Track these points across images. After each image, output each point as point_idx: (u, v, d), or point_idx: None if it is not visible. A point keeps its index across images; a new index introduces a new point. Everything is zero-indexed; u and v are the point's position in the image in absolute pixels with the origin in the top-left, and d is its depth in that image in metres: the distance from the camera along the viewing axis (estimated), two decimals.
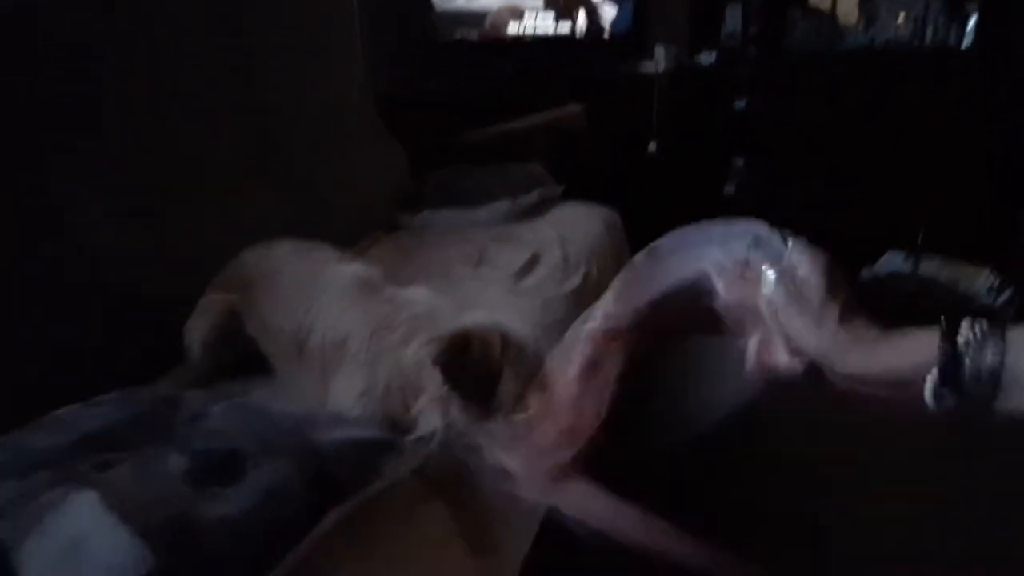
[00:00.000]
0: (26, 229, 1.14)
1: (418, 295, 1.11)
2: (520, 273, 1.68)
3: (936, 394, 0.63)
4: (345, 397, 1.01)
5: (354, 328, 1.05)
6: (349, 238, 1.76)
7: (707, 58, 3.21)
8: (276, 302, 1.15)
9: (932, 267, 2.73)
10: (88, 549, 0.68)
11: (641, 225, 2.43)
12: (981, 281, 2.63)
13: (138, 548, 0.67)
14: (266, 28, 1.84)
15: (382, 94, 2.46)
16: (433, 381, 0.93)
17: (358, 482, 0.83)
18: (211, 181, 1.52)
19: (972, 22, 2.81)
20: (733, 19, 3.20)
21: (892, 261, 2.81)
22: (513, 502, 0.87)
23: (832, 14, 3.03)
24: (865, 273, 2.80)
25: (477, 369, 0.89)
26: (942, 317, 0.63)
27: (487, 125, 2.47)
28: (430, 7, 2.99)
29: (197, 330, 1.19)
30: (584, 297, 1.70)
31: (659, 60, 3.02)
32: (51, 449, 0.81)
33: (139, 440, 0.82)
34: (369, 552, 0.78)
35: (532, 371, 0.87)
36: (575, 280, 1.71)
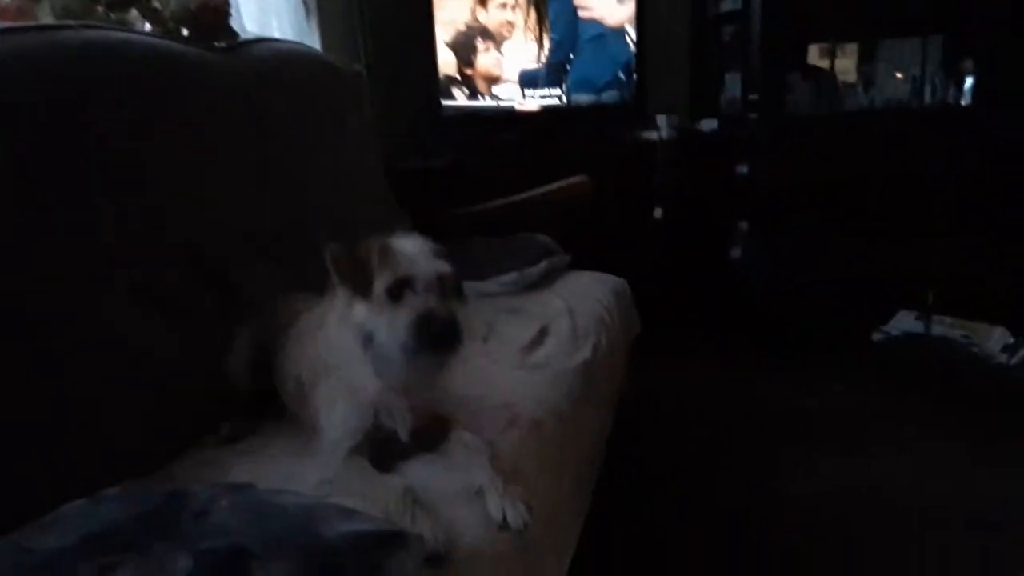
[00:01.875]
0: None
1: None
2: (529, 347, 1.67)
3: None
4: (334, 428, 1.13)
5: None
6: None
7: (708, 124, 3.25)
8: (292, 351, 1.30)
9: (944, 326, 2.71)
10: None
11: (649, 292, 2.45)
12: (996, 339, 2.61)
13: None
14: (285, 110, 1.86)
15: (390, 167, 2.49)
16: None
17: None
18: (231, 266, 1.52)
19: (969, 80, 2.85)
20: (733, 86, 3.25)
21: (903, 322, 2.79)
22: None
23: (831, 77, 3.07)
24: (877, 335, 2.78)
25: (358, 268, 1.09)
26: None
27: (494, 198, 2.50)
28: (436, 81, 3.07)
29: (238, 352, 1.38)
30: (594, 369, 1.69)
31: (661, 128, 3.06)
32: (51, 552, 0.78)
33: (144, 538, 0.79)
34: None
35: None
36: (585, 352, 1.69)
